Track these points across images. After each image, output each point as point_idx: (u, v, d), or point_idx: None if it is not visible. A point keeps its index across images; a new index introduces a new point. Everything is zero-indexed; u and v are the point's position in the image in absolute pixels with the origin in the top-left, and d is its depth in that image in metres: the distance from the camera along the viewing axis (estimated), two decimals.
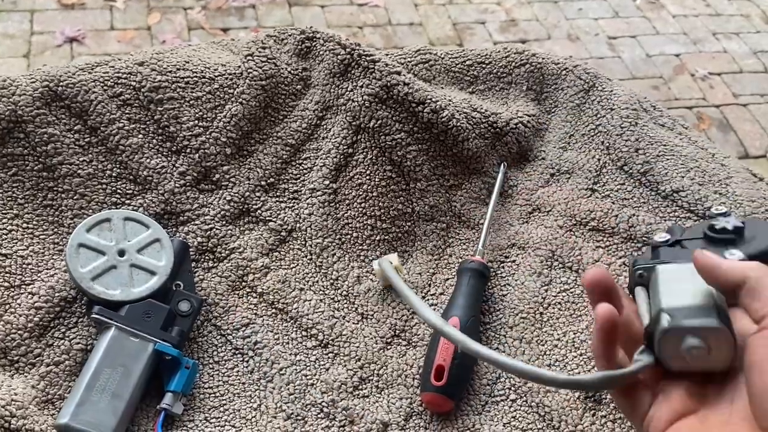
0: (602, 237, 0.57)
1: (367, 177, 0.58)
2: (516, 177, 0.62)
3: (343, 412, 0.49)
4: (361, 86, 0.57)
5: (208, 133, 0.57)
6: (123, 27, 1.89)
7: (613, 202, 0.58)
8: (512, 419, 0.49)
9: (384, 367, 0.51)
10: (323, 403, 0.49)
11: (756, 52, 2.26)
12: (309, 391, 0.50)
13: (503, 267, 0.57)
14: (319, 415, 0.49)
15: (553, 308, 0.54)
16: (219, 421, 0.48)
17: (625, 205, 0.57)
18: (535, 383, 0.47)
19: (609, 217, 0.57)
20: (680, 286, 0.40)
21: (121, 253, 0.50)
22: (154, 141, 0.56)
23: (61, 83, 0.54)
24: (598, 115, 0.62)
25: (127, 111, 0.55)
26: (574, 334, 0.53)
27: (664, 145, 0.59)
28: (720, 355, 0.36)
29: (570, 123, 0.64)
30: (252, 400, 0.49)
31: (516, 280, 0.56)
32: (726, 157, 0.60)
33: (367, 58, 0.57)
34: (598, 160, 0.60)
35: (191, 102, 0.57)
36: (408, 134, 0.58)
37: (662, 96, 2.03)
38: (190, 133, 0.56)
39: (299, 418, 0.48)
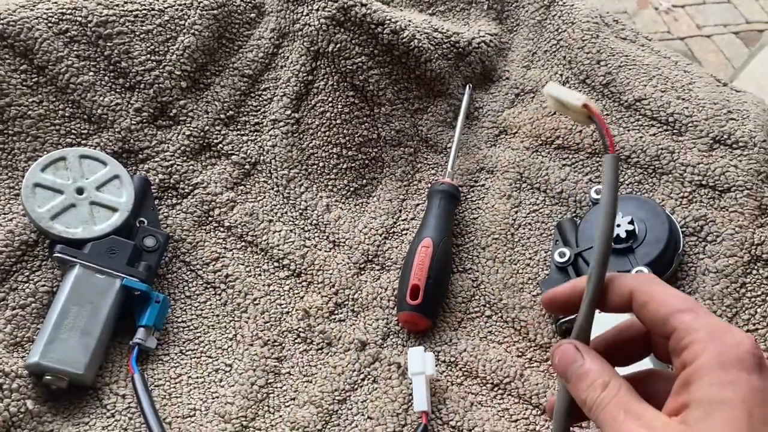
0: (568, 154, 0.57)
1: (330, 104, 0.57)
2: (481, 98, 0.61)
3: (320, 335, 0.49)
4: (317, 9, 0.56)
5: (161, 67, 0.55)
6: None
7: None
8: (488, 333, 0.50)
9: (359, 292, 0.51)
10: (299, 329, 0.49)
11: None
12: (285, 319, 0.50)
13: (473, 191, 0.57)
14: (296, 340, 0.49)
15: (524, 229, 0.54)
16: (195, 353, 0.47)
17: None
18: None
19: (573, 134, 0.57)
20: None
21: (80, 191, 0.48)
22: (106, 78, 0.54)
23: (1, 21, 0.52)
24: (559, 30, 0.61)
25: (75, 48, 0.53)
26: (545, 252, 0.53)
27: (626, 56, 0.58)
28: None
29: (532, 41, 0.63)
30: (227, 331, 0.49)
31: (486, 203, 0.56)
32: (689, 63, 0.60)
33: None
34: (561, 75, 0.60)
35: (141, 36, 0.55)
36: (369, 57, 0.56)
37: None
38: (143, 67, 0.54)
39: (276, 343, 0.48)
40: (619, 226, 0.48)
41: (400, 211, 0.56)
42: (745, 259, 0.48)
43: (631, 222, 0.48)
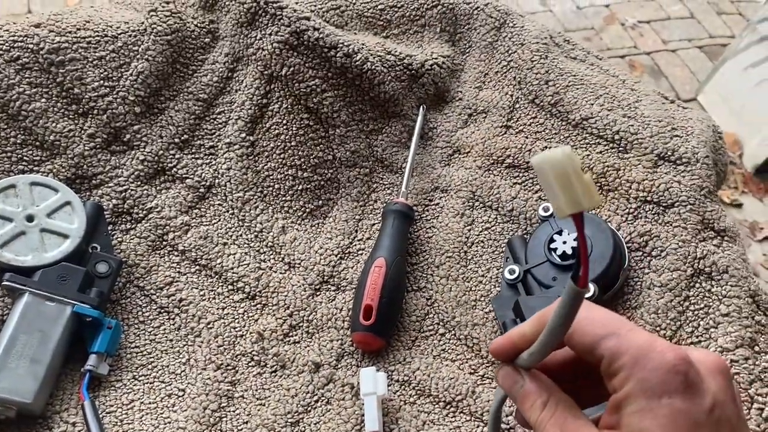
0: (518, 173, 0.58)
1: (285, 127, 0.57)
2: (435, 119, 0.62)
3: (274, 357, 0.49)
4: (270, 34, 0.56)
5: (114, 92, 0.55)
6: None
7: (526, 137, 0.59)
8: (442, 351, 0.50)
9: (314, 313, 0.52)
10: (253, 352, 0.49)
11: None
12: (239, 342, 0.50)
13: (428, 210, 0.58)
14: (249, 363, 0.49)
15: (477, 246, 0.55)
16: (148, 378, 0.47)
17: (538, 138, 0.58)
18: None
19: (523, 153, 0.58)
20: None
21: (30, 218, 0.48)
22: (59, 104, 0.54)
23: None
24: (510, 51, 0.63)
25: (26, 75, 0.53)
26: (497, 269, 0.54)
27: (574, 75, 0.60)
28: None
29: (484, 62, 0.64)
30: (180, 356, 0.49)
31: (440, 222, 0.57)
32: (636, 82, 0.61)
33: (274, 5, 0.56)
34: (511, 96, 0.61)
35: (95, 62, 0.55)
36: (322, 80, 0.57)
37: (594, 46, 2.07)
38: (96, 93, 0.54)
39: (230, 367, 0.48)
40: (565, 243, 0.49)
41: (356, 231, 0.57)
42: (688, 272, 0.49)
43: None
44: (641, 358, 0.28)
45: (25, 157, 0.52)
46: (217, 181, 0.56)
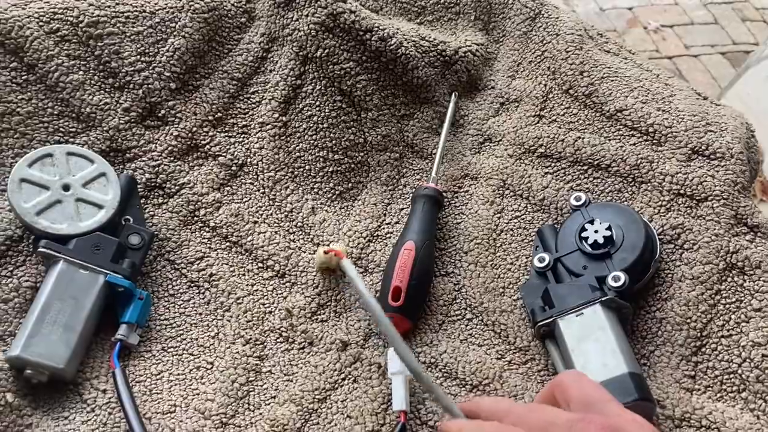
0: (550, 162, 0.58)
1: (317, 108, 0.58)
2: (467, 107, 0.62)
3: (302, 335, 0.49)
4: (307, 15, 0.56)
5: (151, 68, 0.55)
6: None
7: (559, 127, 0.59)
8: (469, 336, 0.50)
9: (341, 293, 0.52)
10: (281, 329, 0.49)
11: (706, 4, 2.29)
12: (267, 318, 0.50)
13: (457, 197, 0.58)
14: (278, 339, 0.49)
15: (506, 234, 0.55)
16: (176, 350, 0.48)
17: (570, 129, 0.58)
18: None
19: (555, 142, 0.58)
20: (588, 349, 0.45)
21: (66, 187, 0.49)
22: (96, 77, 0.54)
23: None
24: (544, 42, 0.62)
25: (65, 47, 0.54)
26: (526, 258, 0.54)
27: (609, 68, 0.60)
28: (644, 413, 0.41)
29: (518, 51, 0.64)
30: (209, 329, 0.49)
31: (469, 209, 0.57)
32: (670, 77, 0.61)
33: None
34: (545, 86, 0.61)
35: (132, 37, 0.55)
36: (357, 63, 0.57)
37: None
38: (133, 68, 0.55)
39: (258, 342, 0.48)
40: (596, 232, 0.49)
41: (385, 214, 0.57)
42: (720, 266, 0.49)
43: (609, 228, 0.49)
44: None
45: (61, 128, 0.53)
46: (249, 159, 0.57)
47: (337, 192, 0.57)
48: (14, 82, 0.52)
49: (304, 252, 0.54)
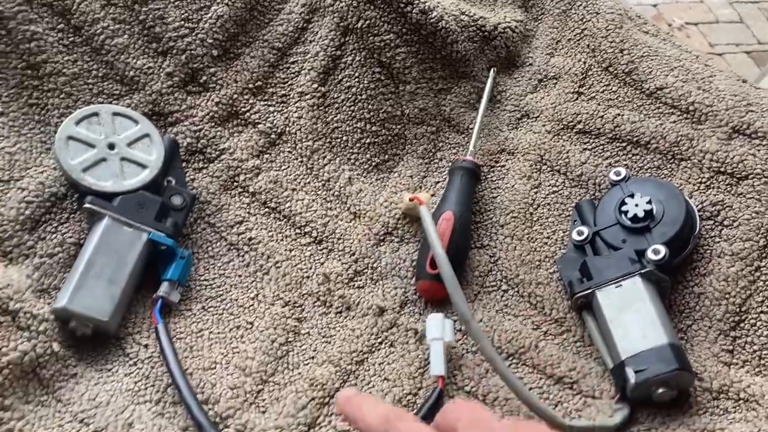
0: (589, 139, 0.58)
1: (356, 80, 0.58)
2: (504, 83, 0.62)
3: (340, 299, 0.50)
4: None
5: (194, 34, 0.56)
6: None
7: (598, 104, 0.59)
8: (504, 306, 0.51)
9: (378, 261, 0.52)
10: (319, 293, 0.50)
11: (731, 3, 2.27)
12: (305, 283, 0.50)
13: (493, 171, 0.58)
14: (316, 303, 0.49)
15: (543, 209, 0.55)
16: (217, 310, 0.48)
17: (610, 106, 0.58)
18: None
19: (594, 119, 0.58)
20: (628, 319, 0.45)
21: (111, 146, 0.49)
22: (140, 42, 0.55)
23: None
24: (584, 20, 0.62)
25: (111, 11, 0.54)
26: (563, 232, 0.54)
27: (648, 47, 0.59)
28: (683, 384, 0.43)
29: (556, 29, 0.64)
30: (249, 291, 0.49)
31: (506, 183, 0.57)
32: (710, 59, 0.61)
33: None
34: (584, 63, 0.61)
35: (176, 3, 0.56)
36: (397, 35, 0.57)
37: None
38: (176, 33, 0.55)
39: (297, 305, 0.49)
40: (637, 206, 0.49)
41: (420, 187, 0.57)
42: (760, 243, 0.49)
43: (649, 202, 0.49)
44: None
45: (105, 91, 0.54)
46: (287, 128, 0.57)
47: (373, 163, 0.58)
48: (61, 43, 0.53)
49: (341, 220, 0.54)
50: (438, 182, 0.57)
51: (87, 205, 0.46)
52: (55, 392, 0.42)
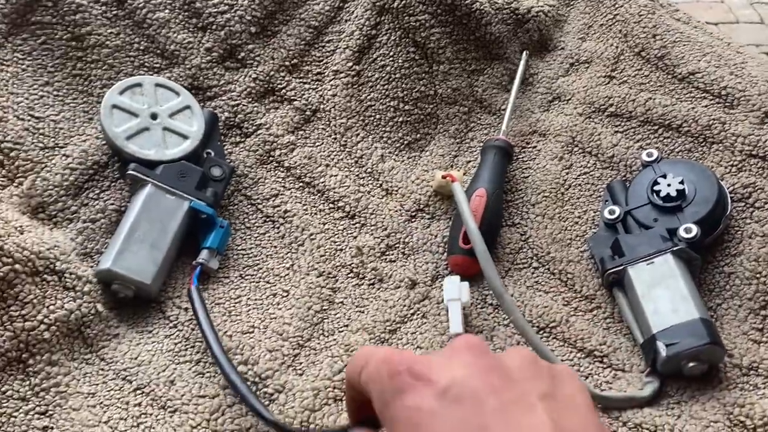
0: (620, 122, 0.58)
1: (391, 59, 0.59)
2: (536, 66, 0.63)
3: (372, 272, 0.50)
4: None
5: (233, 10, 0.57)
6: None
7: (630, 88, 0.59)
8: (535, 283, 0.51)
9: (410, 236, 0.53)
10: (353, 265, 0.51)
11: (752, 3, 2.26)
12: (339, 255, 0.51)
13: (525, 152, 0.58)
14: (349, 275, 0.50)
15: (574, 189, 0.56)
16: (254, 278, 0.49)
17: (642, 90, 0.59)
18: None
19: (626, 102, 0.58)
20: (659, 295, 0.45)
21: (154, 116, 0.50)
22: (181, 16, 0.56)
23: None
24: (616, 5, 0.63)
25: None
26: (594, 212, 0.55)
27: (680, 33, 0.60)
28: (714, 359, 0.44)
29: (588, 14, 0.65)
30: (284, 261, 0.50)
31: (537, 164, 0.57)
32: (741, 46, 0.61)
33: None
34: (616, 47, 0.61)
35: None
36: (432, 16, 0.58)
37: None
38: (216, 9, 0.56)
39: (331, 276, 0.50)
40: (669, 185, 0.50)
41: (452, 166, 0.58)
42: None
43: (682, 182, 0.49)
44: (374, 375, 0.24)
45: (146, 63, 0.55)
46: (322, 106, 0.58)
47: (405, 142, 0.59)
48: (104, 16, 0.54)
49: (374, 196, 0.55)
50: (469, 161, 0.58)
51: (131, 172, 0.48)
52: (98, 351, 0.43)
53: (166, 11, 0.55)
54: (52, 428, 0.38)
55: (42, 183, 0.48)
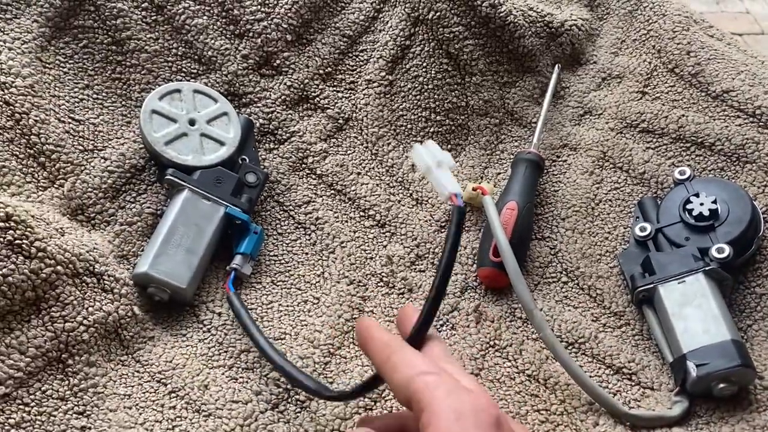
0: (652, 138, 0.58)
1: (424, 69, 0.59)
2: (568, 79, 0.63)
3: (402, 281, 0.51)
4: None
5: (269, 18, 0.57)
6: None
7: (663, 104, 0.59)
8: (564, 297, 0.51)
9: (439, 247, 0.53)
10: (383, 274, 0.51)
11: None
12: (369, 263, 0.52)
13: (555, 166, 0.59)
14: (379, 284, 0.51)
15: (604, 204, 0.56)
16: (285, 284, 0.50)
17: (675, 107, 0.59)
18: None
19: (659, 119, 0.58)
20: (690, 314, 0.45)
21: (192, 122, 0.51)
22: (218, 23, 0.57)
23: None
24: (650, 21, 0.63)
25: None
26: (624, 228, 0.55)
27: (715, 50, 0.60)
28: (744, 381, 0.43)
29: (621, 29, 0.65)
30: (315, 268, 0.51)
31: (568, 178, 0.57)
32: None
33: None
34: (649, 63, 0.61)
35: None
36: (466, 27, 0.59)
37: None
38: (253, 17, 0.57)
39: (361, 284, 0.50)
40: (702, 204, 0.50)
41: (482, 178, 0.58)
42: None
43: (714, 202, 0.49)
44: (455, 392, 0.27)
45: (183, 69, 0.55)
46: (354, 114, 0.59)
47: None
48: (144, 21, 0.55)
49: (404, 205, 0.55)
50: (499, 173, 0.58)
51: (169, 177, 0.48)
52: (134, 353, 0.44)
53: (204, 18, 0.56)
54: (89, 428, 0.39)
55: (81, 185, 0.48)
